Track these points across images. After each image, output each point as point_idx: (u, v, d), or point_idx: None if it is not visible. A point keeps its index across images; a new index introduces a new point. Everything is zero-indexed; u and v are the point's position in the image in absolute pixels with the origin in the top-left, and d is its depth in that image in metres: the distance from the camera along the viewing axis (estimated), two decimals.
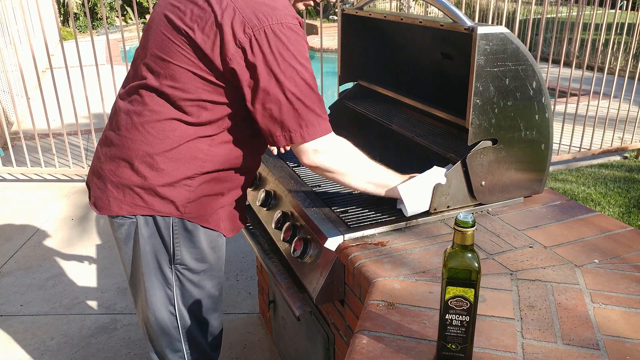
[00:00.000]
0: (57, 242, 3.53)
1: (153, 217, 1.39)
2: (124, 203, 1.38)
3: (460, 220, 0.89)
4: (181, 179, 1.36)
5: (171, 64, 1.30)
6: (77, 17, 13.21)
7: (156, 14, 1.41)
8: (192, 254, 1.45)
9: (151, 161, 1.35)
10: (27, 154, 4.50)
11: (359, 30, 2.03)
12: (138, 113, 1.35)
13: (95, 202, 1.44)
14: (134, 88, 1.38)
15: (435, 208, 1.50)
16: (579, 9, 4.96)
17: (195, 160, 1.36)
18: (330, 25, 12.24)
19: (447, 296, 0.93)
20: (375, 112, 2.01)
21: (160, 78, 1.32)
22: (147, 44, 1.38)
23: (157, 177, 1.35)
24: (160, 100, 1.33)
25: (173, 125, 1.33)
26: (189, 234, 1.43)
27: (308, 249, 1.48)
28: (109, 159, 1.40)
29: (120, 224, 1.42)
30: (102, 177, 1.41)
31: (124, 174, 1.37)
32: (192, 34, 1.27)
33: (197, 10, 1.29)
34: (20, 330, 2.67)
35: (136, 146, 1.35)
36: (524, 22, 9.82)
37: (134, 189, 1.37)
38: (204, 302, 1.53)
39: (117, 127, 1.40)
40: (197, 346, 1.57)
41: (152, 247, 1.42)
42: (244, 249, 3.38)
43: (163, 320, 1.50)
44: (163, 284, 1.46)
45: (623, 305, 1.15)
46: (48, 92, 4.68)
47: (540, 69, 1.51)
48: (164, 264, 1.44)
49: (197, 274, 1.48)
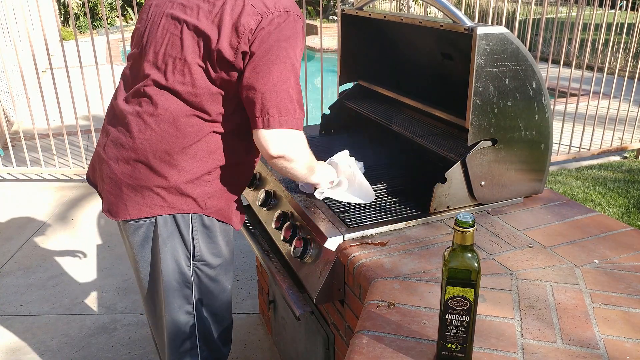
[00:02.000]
0: (57, 242, 3.53)
1: (173, 216, 1.39)
2: (143, 205, 1.37)
3: (460, 220, 0.89)
4: (200, 175, 1.38)
5: (181, 61, 1.32)
6: (78, 17, 13.21)
7: (155, 14, 1.41)
8: (210, 249, 1.47)
9: (170, 159, 1.35)
10: (27, 154, 4.50)
11: (359, 30, 2.03)
12: (150, 113, 1.35)
13: (109, 209, 1.42)
14: (139, 89, 1.37)
15: (435, 208, 1.50)
16: (579, 9, 4.96)
17: (213, 155, 1.38)
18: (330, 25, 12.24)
19: (447, 296, 0.93)
20: (375, 112, 2.01)
21: (170, 76, 1.33)
22: (149, 43, 1.38)
23: (178, 175, 1.36)
24: (172, 98, 1.34)
25: (189, 121, 1.34)
26: (207, 230, 1.44)
27: (308, 249, 1.48)
28: (123, 162, 1.38)
29: (138, 226, 1.41)
30: (115, 182, 1.39)
31: (141, 175, 1.37)
32: (201, 27, 1.29)
33: (205, 4, 1.32)
34: (20, 330, 2.67)
35: (153, 146, 1.35)
36: (524, 22, 9.83)
37: (154, 189, 1.36)
38: (220, 297, 1.55)
39: (127, 130, 1.38)
40: (210, 343, 1.58)
41: (171, 246, 1.42)
42: (244, 249, 3.38)
43: (179, 320, 1.50)
44: (181, 283, 1.47)
45: (623, 305, 1.15)
46: (48, 92, 4.68)
47: (540, 69, 1.52)
48: (182, 263, 1.45)
49: (214, 269, 1.50)
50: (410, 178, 1.76)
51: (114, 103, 1.45)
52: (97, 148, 1.49)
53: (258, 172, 1.95)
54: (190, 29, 1.31)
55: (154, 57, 1.36)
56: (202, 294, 1.51)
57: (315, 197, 1.61)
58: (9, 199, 4.19)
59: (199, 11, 1.32)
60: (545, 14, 4.76)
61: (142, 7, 1.52)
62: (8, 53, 5.94)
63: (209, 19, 1.30)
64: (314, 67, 6.12)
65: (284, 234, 1.58)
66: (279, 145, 1.32)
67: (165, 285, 1.46)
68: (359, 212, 1.54)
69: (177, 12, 1.35)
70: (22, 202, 4.13)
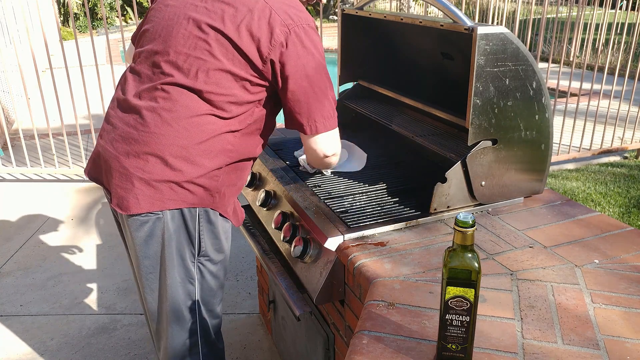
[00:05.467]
0: (57, 242, 3.53)
1: (181, 210, 1.41)
2: (155, 199, 1.38)
3: (460, 220, 0.89)
4: (212, 170, 1.41)
5: (203, 62, 1.36)
6: (77, 17, 13.21)
7: (174, 15, 1.44)
8: (214, 244, 1.50)
9: (186, 154, 1.38)
10: (27, 154, 4.50)
11: (359, 30, 2.03)
12: (168, 109, 1.38)
13: (119, 202, 1.41)
14: (156, 86, 1.40)
15: (436, 208, 1.50)
16: (579, 9, 4.96)
17: (224, 152, 1.42)
18: (330, 25, 12.24)
19: (447, 296, 0.93)
20: (375, 112, 2.01)
21: (193, 76, 1.37)
22: (169, 43, 1.41)
23: (193, 169, 1.39)
24: (192, 96, 1.38)
25: (207, 119, 1.38)
26: (211, 225, 1.47)
27: (308, 249, 1.48)
28: (134, 157, 1.39)
29: (143, 221, 1.41)
30: (126, 176, 1.39)
31: (155, 169, 1.38)
32: (227, 32, 1.35)
33: (229, 9, 1.38)
34: (20, 330, 2.67)
35: (169, 141, 1.37)
36: (524, 22, 9.83)
37: (168, 183, 1.38)
38: (217, 292, 1.58)
39: (140, 125, 1.39)
40: (209, 340, 1.59)
41: (177, 241, 1.43)
42: (244, 249, 3.38)
43: (182, 317, 1.51)
44: (184, 279, 1.48)
45: (623, 305, 1.15)
46: (48, 92, 4.68)
47: (540, 69, 1.51)
48: (187, 258, 1.46)
49: (215, 264, 1.53)
50: (411, 178, 1.76)
51: (123, 98, 1.45)
52: (101, 142, 1.47)
53: (258, 172, 1.95)
54: (217, 33, 1.36)
55: (175, 56, 1.39)
56: (203, 290, 1.52)
57: (315, 196, 1.61)
58: (9, 199, 4.19)
59: (223, 15, 1.37)
60: (546, 14, 4.76)
61: (152, 7, 1.52)
62: (8, 53, 5.94)
63: (235, 24, 1.36)
64: None
65: (284, 234, 1.58)
66: (328, 147, 1.47)
67: (169, 281, 1.46)
68: (359, 212, 1.54)
69: (201, 15, 1.39)
70: (21, 202, 4.13)
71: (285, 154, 2.00)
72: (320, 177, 1.77)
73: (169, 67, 1.39)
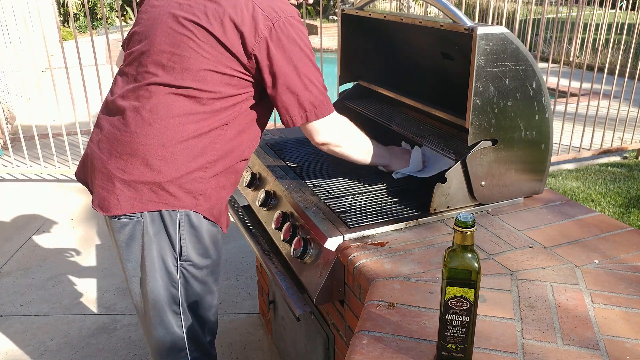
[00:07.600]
0: (57, 242, 3.53)
1: (160, 213, 1.39)
2: (135, 200, 1.37)
3: (460, 220, 0.89)
4: (194, 170, 1.39)
5: (187, 59, 1.34)
6: (77, 17, 13.21)
7: (157, 14, 1.41)
8: (197, 249, 1.47)
9: (167, 154, 1.36)
10: (27, 154, 4.50)
11: (359, 30, 2.03)
12: (149, 109, 1.36)
13: (100, 203, 1.41)
14: (140, 86, 1.39)
15: (435, 208, 1.50)
16: (579, 9, 4.96)
17: (208, 152, 1.40)
18: (330, 25, 12.24)
19: (447, 296, 0.92)
20: (375, 112, 2.01)
21: (176, 73, 1.35)
22: (153, 43, 1.39)
23: (173, 169, 1.37)
24: (175, 95, 1.36)
25: (189, 118, 1.37)
26: (193, 230, 1.44)
27: (308, 249, 1.48)
28: (115, 157, 1.38)
29: (124, 224, 1.40)
30: (108, 176, 1.39)
31: (135, 170, 1.36)
32: (210, 28, 1.33)
33: (212, 5, 1.36)
34: (20, 330, 2.67)
35: (149, 141, 1.36)
36: (524, 22, 9.83)
37: (148, 184, 1.37)
38: (206, 298, 1.55)
39: (122, 125, 1.39)
40: (199, 344, 1.58)
41: (157, 245, 1.42)
42: (244, 250, 3.38)
43: (166, 321, 1.50)
44: (168, 283, 1.46)
45: (623, 306, 1.15)
46: (48, 92, 4.67)
47: (540, 69, 1.51)
48: (169, 262, 1.44)
49: (200, 270, 1.50)
50: (411, 178, 1.76)
51: (110, 100, 1.45)
52: (90, 144, 1.47)
53: (258, 172, 1.94)
54: (200, 30, 1.34)
55: (159, 55, 1.37)
56: (188, 295, 1.50)
57: (315, 196, 1.61)
58: (9, 199, 4.19)
59: (207, 12, 1.35)
60: (546, 14, 4.76)
61: (140, 9, 1.52)
62: (8, 53, 5.94)
63: (218, 20, 1.33)
64: None
65: (283, 234, 1.58)
66: (322, 134, 1.46)
67: (151, 285, 1.45)
68: (359, 212, 1.54)
69: (185, 12, 1.37)
70: (21, 202, 4.13)
71: (285, 154, 2.00)
72: (320, 177, 1.77)
73: (154, 67, 1.38)
